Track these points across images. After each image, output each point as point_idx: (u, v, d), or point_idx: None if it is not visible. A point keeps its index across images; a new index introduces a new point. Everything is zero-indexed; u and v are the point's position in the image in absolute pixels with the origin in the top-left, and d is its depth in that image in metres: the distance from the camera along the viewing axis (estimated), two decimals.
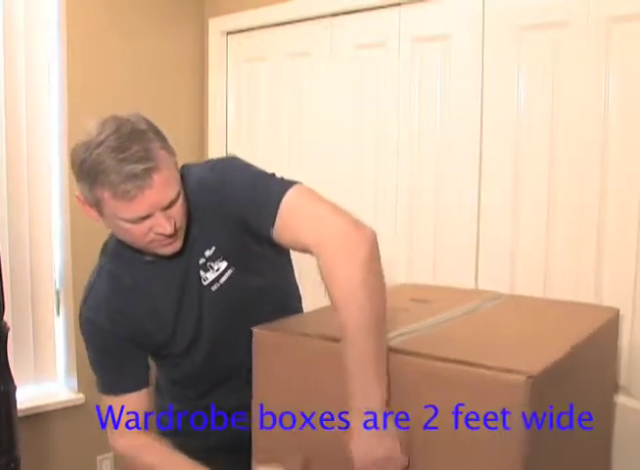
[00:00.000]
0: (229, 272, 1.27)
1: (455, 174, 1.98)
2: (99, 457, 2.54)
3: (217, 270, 1.26)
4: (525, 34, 1.81)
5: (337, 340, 1.05)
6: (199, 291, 1.27)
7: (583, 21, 1.69)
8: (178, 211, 1.16)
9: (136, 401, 1.31)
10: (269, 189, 1.18)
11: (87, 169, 1.10)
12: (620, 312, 1.54)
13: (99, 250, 1.40)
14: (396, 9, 2.11)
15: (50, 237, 2.45)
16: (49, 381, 2.48)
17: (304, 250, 1.13)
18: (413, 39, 2.08)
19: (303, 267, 1.38)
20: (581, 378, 1.19)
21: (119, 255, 1.29)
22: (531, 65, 1.80)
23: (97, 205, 1.15)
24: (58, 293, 2.48)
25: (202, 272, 1.26)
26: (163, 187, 1.11)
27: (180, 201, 1.16)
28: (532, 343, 1.11)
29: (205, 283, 1.26)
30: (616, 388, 1.65)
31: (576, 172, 1.73)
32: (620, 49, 1.63)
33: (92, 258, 2.22)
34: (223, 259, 1.26)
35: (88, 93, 2.43)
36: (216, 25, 2.70)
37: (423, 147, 2.07)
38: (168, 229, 1.14)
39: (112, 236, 1.33)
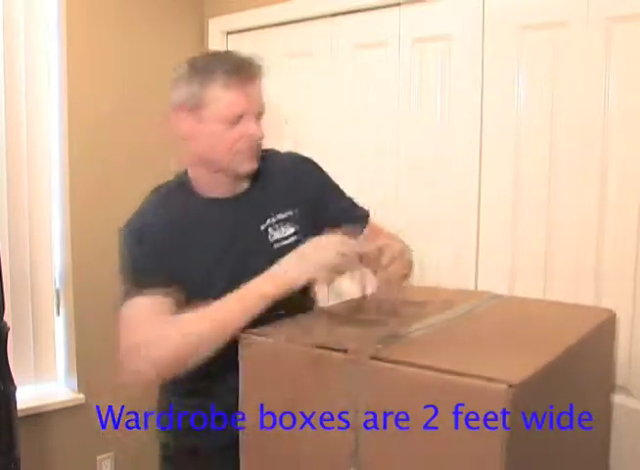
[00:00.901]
0: (294, 239, 1.37)
1: (455, 174, 1.98)
2: (99, 457, 2.54)
3: (284, 233, 1.38)
4: (526, 34, 1.81)
5: (321, 347, 1.06)
6: (259, 243, 1.35)
7: (583, 21, 1.69)
8: (262, 126, 1.33)
9: (166, 304, 1.24)
10: (357, 203, 1.54)
11: (200, 67, 1.27)
12: (620, 313, 1.54)
13: (99, 250, 1.41)
14: (396, 9, 2.11)
15: (50, 237, 2.45)
16: (49, 381, 2.48)
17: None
18: (413, 39, 2.08)
19: None
20: (574, 379, 1.19)
21: (181, 188, 1.36)
22: (531, 65, 1.80)
23: (199, 107, 1.26)
24: (58, 293, 2.48)
25: (270, 229, 1.37)
26: (260, 91, 1.32)
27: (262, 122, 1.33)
28: (522, 347, 1.12)
29: (271, 239, 1.37)
30: (614, 388, 1.65)
31: (576, 173, 1.73)
32: (620, 49, 1.63)
33: (92, 258, 2.24)
34: (293, 226, 1.39)
35: (88, 93, 2.44)
36: (216, 25, 2.70)
37: (423, 147, 2.07)
38: (259, 133, 1.30)
39: (166, 183, 1.40)
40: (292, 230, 1.38)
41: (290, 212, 1.39)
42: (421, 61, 2.06)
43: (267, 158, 1.40)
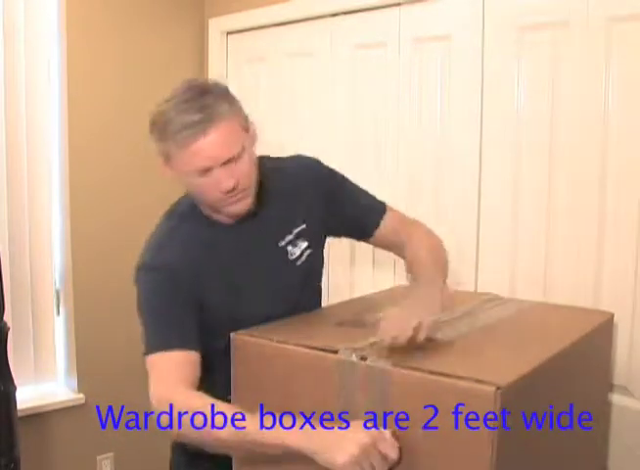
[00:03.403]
0: (308, 252, 1.40)
1: (455, 174, 1.98)
2: (99, 457, 2.54)
3: (300, 247, 1.39)
4: (525, 34, 1.81)
5: (313, 348, 1.07)
6: (282, 264, 1.36)
7: (583, 21, 1.68)
8: (242, 168, 1.23)
9: (185, 360, 1.22)
10: (372, 196, 1.51)
11: (157, 124, 1.22)
12: (620, 314, 1.54)
13: (99, 250, 1.41)
14: (396, 9, 2.11)
15: (50, 237, 2.45)
16: (49, 381, 2.48)
17: (396, 245, 1.47)
18: (413, 39, 2.08)
19: None
20: (570, 380, 1.19)
21: (193, 215, 1.33)
22: (531, 65, 1.80)
23: (169, 161, 1.23)
24: (58, 293, 2.48)
25: (289, 247, 1.37)
26: (220, 140, 1.19)
27: (245, 159, 1.23)
28: (516, 350, 1.12)
29: (292, 257, 1.38)
30: (613, 388, 1.65)
31: (576, 172, 1.73)
32: (620, 49, 1.63)
33: (92, 258, 2.24)
34: (305, 240, 1.40)
35: (88, 93, 2.44)
36: (216, 25, 2.70)
37: (422, 147, 2.07)
38: (230, 183, 1.20)
39: (180, 200, 1.38)
40: (305, 244, 1.40)
41: (302, 226, 1.39)
42: (421, 61, 2.06)
43: (270, 172, 1.38)
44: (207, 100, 1.20)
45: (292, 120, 2.47)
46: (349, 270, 2.29)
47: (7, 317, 1.91)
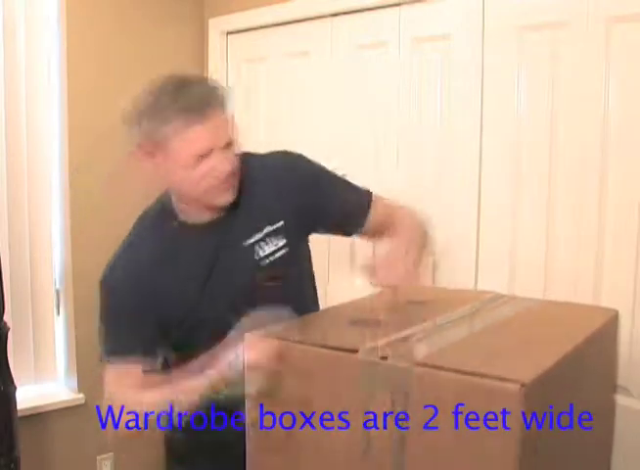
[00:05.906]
0: (284, 251, 1.33)
1: (455, 174, 1.98)
2: (99, 457, 2.54)
3: (276, 245, 1.32)
4: (525, 34, 1.81)
5: (328, 347, 1.06)
6: (243, 261, 1.30)
7: (583, 21, 1.69)
8: (234, 156, 1.24)
9: (142, 373, 1.27)
10: (356, 190, 1.45)
11: (152, 109, 1.18)
12: (620, 312, 1.54)
13: (99, 250, 1.41)
14: (396, 9, 2.11)
15: (50, 237, 2.45)
16: (49, 381, 2.48)
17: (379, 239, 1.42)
18: (413, 39, 2.08)
19: None
20: (580, 379, 1.19)
21: (158, 224, 1.33)
22: (531, 65, 1.80)
23: (158, 149, 1.20)
24: (58, 293, 2.48)
25: (257, 246, 1.31)
26: (220, 123, 1.20)
27: (234, 149, 1.24)
28: (530, 347, 1.11)
29: (260, 255, 1.31)
30: (615, 388, 1.65)
31: (576, 172, 1.73)
32: (620, 49, 1.63)
33: (92, 258, 2.22)
34: (283, 238, 1.33)
35: (88, 93, 2.44)
36: (216, 25, 2.70)
37: (422, 147, 2.07)
38: (228, 166, 1.21)
39: (151, 207, 1.37)
40: (283, 242, 1.33)
41: (279, 224, 1.32)
42: (421, 61, 2.06)
43: (250, 167, 1.33)
44: (202, 87, 1.20)
45: (291, 120, 2.47)
46: (349, 271, 2.29)
47: (7, 317, 1.91)
